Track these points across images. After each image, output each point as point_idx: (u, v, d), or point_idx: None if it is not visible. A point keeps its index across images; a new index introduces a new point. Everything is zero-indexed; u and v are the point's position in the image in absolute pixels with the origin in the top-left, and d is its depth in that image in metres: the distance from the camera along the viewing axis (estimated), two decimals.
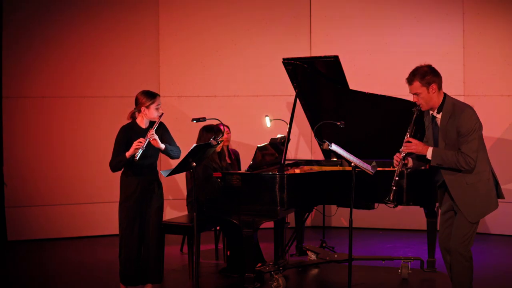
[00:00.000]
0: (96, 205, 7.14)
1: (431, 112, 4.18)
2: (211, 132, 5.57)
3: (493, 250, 6.39)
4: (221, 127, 5.78)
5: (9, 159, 7.03)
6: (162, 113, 4.74)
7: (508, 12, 7.00)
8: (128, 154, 4.60)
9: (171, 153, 4.77)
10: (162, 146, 4.68)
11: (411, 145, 4.11)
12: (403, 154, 4.14)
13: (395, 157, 4.19)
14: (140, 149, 4.55)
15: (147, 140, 4.58)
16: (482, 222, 6.96)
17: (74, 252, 6.53)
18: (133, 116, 4.82)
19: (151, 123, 4.74)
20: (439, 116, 4.12)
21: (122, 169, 4.79)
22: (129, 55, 7.35)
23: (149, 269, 4.79)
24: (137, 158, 4.55)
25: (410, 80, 4.12)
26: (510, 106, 6.99)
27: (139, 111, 4.74)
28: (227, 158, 6.08)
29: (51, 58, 7.13)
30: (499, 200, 4.25)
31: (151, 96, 4.71)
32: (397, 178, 4.14)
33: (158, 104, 4.73)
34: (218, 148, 5.82)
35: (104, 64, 7.27)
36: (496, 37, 7.04)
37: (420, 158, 4.26)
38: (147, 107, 4.69)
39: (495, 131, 6.96)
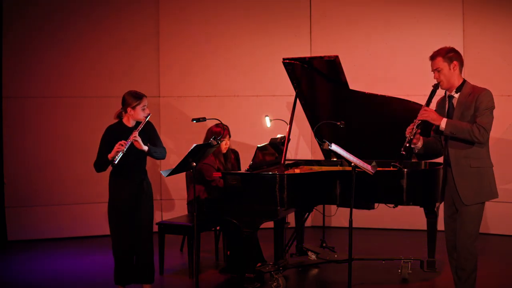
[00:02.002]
0: (96, 205, 7.13)
1: (448, 92, 4.23)
2: (218, 134, 5.60)
3: (495, 250, 6.39)
4: (221, 128, 5.79)
5: (9, 159, 7.04)
6: (149, 114, 4.73)
7: (508, 13, 7.00)
8: (110, 156, 4.59)
9: (154, 155, 4.75)
10: (145, 148, 4.67)
11: (427, 112, 4.13)
12: (418, 122, 4.17)
13: (408, 127, 4.22)
14: (120, 153, 4.54)
15: (129, 142, 4.58)
16: (483, 222, 6.94)
17: (74, 252, 6.53)
18: (119, 116, 4.81)
19: (138, 123, 4.74)
20: (456, 95, 4.18)
21: (111, 169, 4.79)
22: (129, 55, 7.35)
23: (141, 268, 4.78)
24: (115, 162, 4.54)
25: (433, 56, 4.19)
26: (510, 106, 6.99)
27: (126, 112, 4.74)
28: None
29: (51, 58, 7.14)
30: (500, 200, 4.26)
31: (137, 97, 4.70)
32: (407, 145, 4.16)
33: (144, 105, 4.71)
34: (224, 150, 5.83)
35: (104, 64, 7.27)
36: (496, 37, 7.04)
37: (429, 144, 4.29)
38: (133, 108, 4.68)
39: (495, 131, 6.91)
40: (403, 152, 4.17)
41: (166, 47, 7.49)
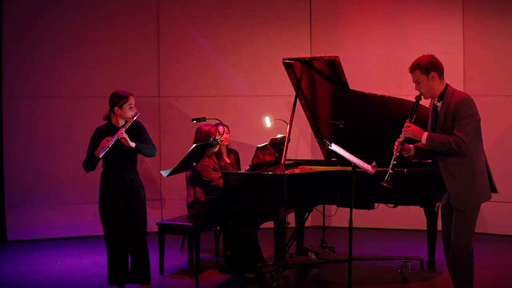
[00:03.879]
0: (95, 205, 7.09)
1: (432, 100, 4.26)
2: (207, 134, 5.62)
3: (493, 250, 6.38)
4: (220, 127, 5.80)
5: (9, 159, 7.04)
6: (137, 113, 4.73)
7: (508, 12, 7.00)
8: (96, 152, 4.59)
9: (142, 151, 4.73)
10: (132, 144, 4.65)
11: (409, 129, 4.21)
12: (401, 139, 4.23)
13: (396, 142, 4.27)
14: (106, 147, 4.54)
15: (116, 138, 4.58)
16: (481, 222, 6.96)
17: (74, 252, 6.53)
18: (108, 117, 4.81)
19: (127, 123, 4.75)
20: (439, 104, 4.19)
21: (102, 169, 4.78)
22: (129, 55, 7.35)
23: (136, 269, 4.78)
24: (100, 155, 4.55)
25: (411, 69, 4.23)
26: (510, 106, 6.99)
27: (113, 112, 4.74)
28: (225, 157, 6.08)
29: (51, 58, 7.14)
30: (499, 200, 4.24)
31: (123, 95, 4.70)
32: (394, 162, 4.22)
33: (131, 104, 4.72)
34: (215, 148, 5.83)
35: (104, 64, 7.27)
36: (496, 36, 7.03)
37: (421, 150, 4.32)
38: (120, 106, 4.69)
39: (495, 131, 6.96)
40: (391, 171, 4.20)
41: (166, 47, 7.49)
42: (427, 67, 4.16)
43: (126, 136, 4.62)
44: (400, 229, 7.32)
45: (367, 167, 4.46)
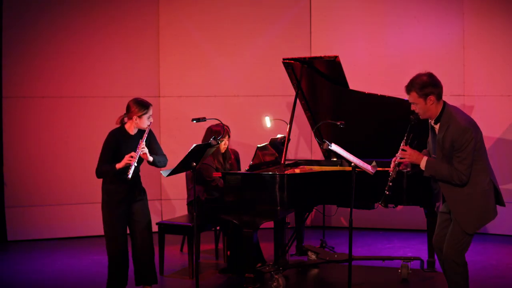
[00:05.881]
0: (96, 205, 7.09)
1: (429, 120, 4.12)
2: (218, 133, 5.60)
3: (493, 250, 6.38)
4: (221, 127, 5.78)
5: (9, 159, 7.03)
6: (151, 122, 4.74)
7: (508, 12, 7.00)
8: (118, 166, 4.56)
9: (158, 164, 4.76)
10: (151, 158, 4.66)
11: (406, 154, 4.07)
12: (397, 161, 4.11)
13: (392, 160, 4.16)
14: (132, 166, 4.52)
15: (138, 154, 4.57)
16: None
17: (74, 252, 6.53)
18: (122, 121, 4.80)
19: (140, 130, 4.73)
20: (436, 126, 4.06)
21: None
22: (129, 55, 7.35)
23: (143, 270, 4.78)
24: (129, 176, 4.52)
25: (407, 89, 4.05)
26: (510, 106, 6.99)
27: (130, 119, 4.72)
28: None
29: (51, 58, 7.13)
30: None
31: (145, 106, 4.66)
32: (390, 183, 4.12)
33: (150, 114, 4.71)
34: (223, 149, 5.83)
35: (104, 64, 7.27)
36: (496, 37, 7.03)
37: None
38: (140, 117, 4.66)
39: (495, 131, 6.96)
40: (387, 192, 4.10)
41: (166, 47, 7.49)
42: (425, 91, 3.95)
43: (147, 150, 4.61)
44: (400, 229, 7.32)
45: (367, 167, 4.46)
